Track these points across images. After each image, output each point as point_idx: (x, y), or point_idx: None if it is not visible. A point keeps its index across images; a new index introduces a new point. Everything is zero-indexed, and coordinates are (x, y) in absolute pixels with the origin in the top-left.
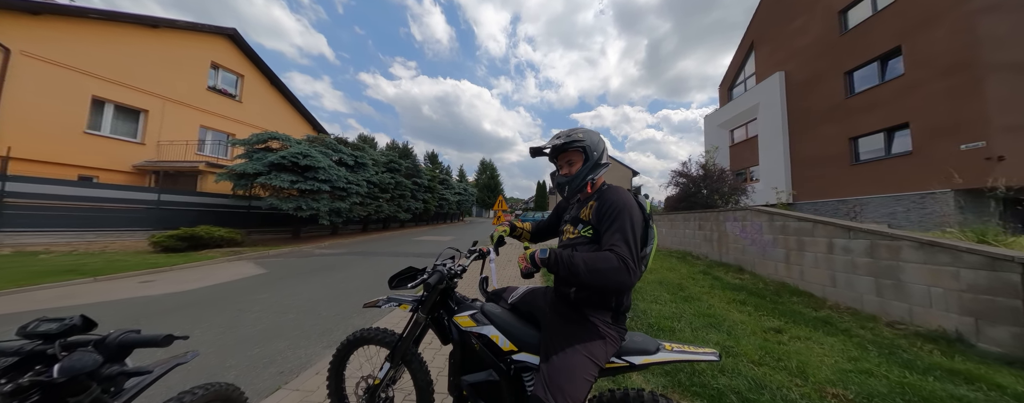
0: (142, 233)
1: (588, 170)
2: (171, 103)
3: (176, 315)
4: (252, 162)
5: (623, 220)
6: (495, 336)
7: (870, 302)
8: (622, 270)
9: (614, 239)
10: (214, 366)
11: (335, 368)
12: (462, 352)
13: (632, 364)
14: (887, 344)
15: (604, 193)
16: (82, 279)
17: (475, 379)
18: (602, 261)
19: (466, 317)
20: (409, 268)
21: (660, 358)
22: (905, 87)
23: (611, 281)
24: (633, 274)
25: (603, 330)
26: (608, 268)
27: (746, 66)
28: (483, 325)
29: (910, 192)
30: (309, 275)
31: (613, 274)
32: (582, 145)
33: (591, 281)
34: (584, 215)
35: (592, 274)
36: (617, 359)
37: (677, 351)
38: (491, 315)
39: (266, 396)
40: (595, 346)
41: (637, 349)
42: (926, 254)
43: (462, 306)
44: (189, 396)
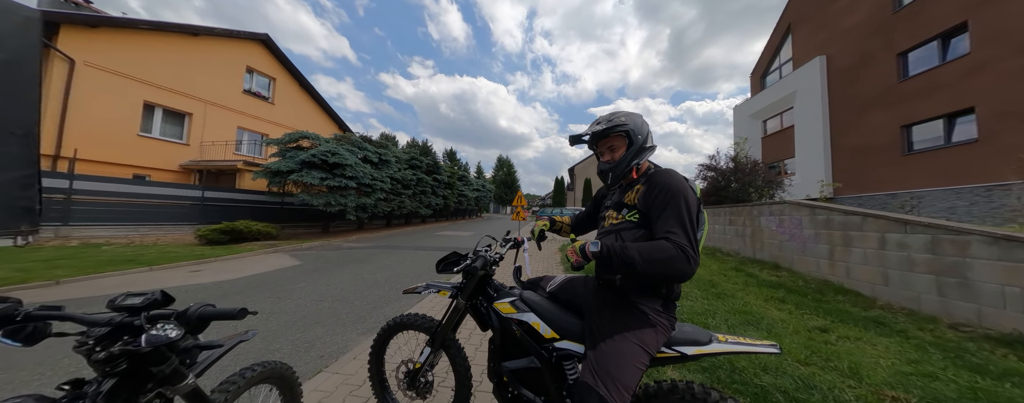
0: (188, 227)
1: (632, 155)
2: (212, 106)
3: (224, 302)
4: (285, 160)
5: (678, 204)
6: (536, 323)
7: (929, 302)
8: (681, 259)
9: (669, 225)
10: (261, 349)
11: (376, 352)
12: (502, 338)
13: (684, 354)
14: (952, 347)
15: (653, 176)
16: (140, 268)
17: (516, 365)
18: (659, 251)
19: (506, 304)
20: (453, 253)
21: (714, 349)
22: (971, 67)
23: (670, 271)
24: (693, 262)
25: (653, 318)
26: (666, 258)
27: (781, 51)
28: (524, 312)
29: (974, 184)
30: (340, 267)
31: (672, 264)
32: (625, 129)
33: (649, 272)
34: (629, 199)
35: (649, 265)
36: (667, 349)
37: (732, 342)
38: (531, 302)
39: (309, 378)
40: (646, 334)
41: (689, 339)
42: (1001, 250)
43: (501, 293)
44: (250, 372)
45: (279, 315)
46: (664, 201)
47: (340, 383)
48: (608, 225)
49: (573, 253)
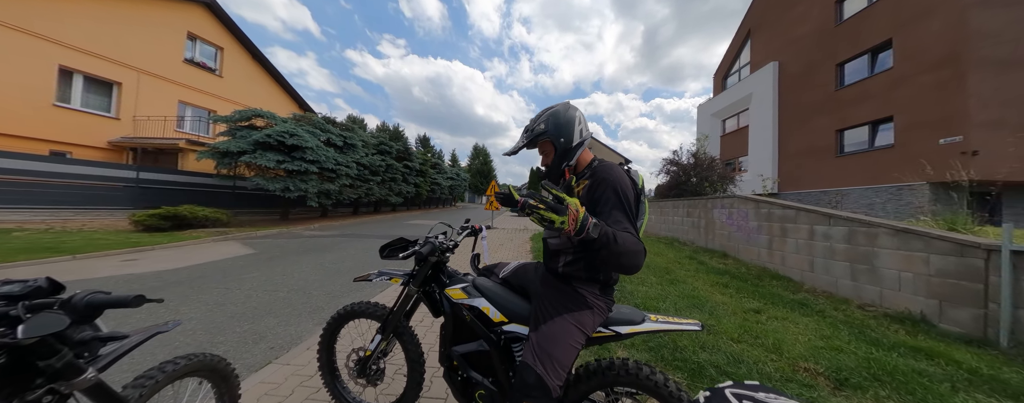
0: (121, 212)
1: (560, 158)
2: (146, 76)
3: (163, 293)
4: (236, 140)
5: (619, 199)
6: (486, 308)
7: (844, 286)
8: (642, 254)
9: (618, 220)
10: (203, 342)
11: (326, 341)
12: (453, 324)
13: (618, 333)
14: (857, 324)
15: (596, 171)
16: (61, 257)
17: (466, 349)
18: (631, 243)
19: (458, 289)
20: (400, 239)
21: (645, 328)
22: (893, 80)
23: (631, 263)
24: (641, 258)
25: (591, 301)
26: (634, 251)
27: (742, 55)
28: (474, 297)
29: (888, 184)
30: (299, 255)
31: (635, 257)
32: (547, 137)
33: (618, 259)
34: (575, 193)
35: (622, 255)
36: (604, 329)
37: (661, 321)
38: (482, 288)
39: (257, 370)
40: (583, 315)
41: (623, 320)
42: (901, 240)
43: (454, 280)
44: (171, 366)
45: (226, 306)
46: (608, 197)
47: (290, 374)
48: None
49: (573, 220)
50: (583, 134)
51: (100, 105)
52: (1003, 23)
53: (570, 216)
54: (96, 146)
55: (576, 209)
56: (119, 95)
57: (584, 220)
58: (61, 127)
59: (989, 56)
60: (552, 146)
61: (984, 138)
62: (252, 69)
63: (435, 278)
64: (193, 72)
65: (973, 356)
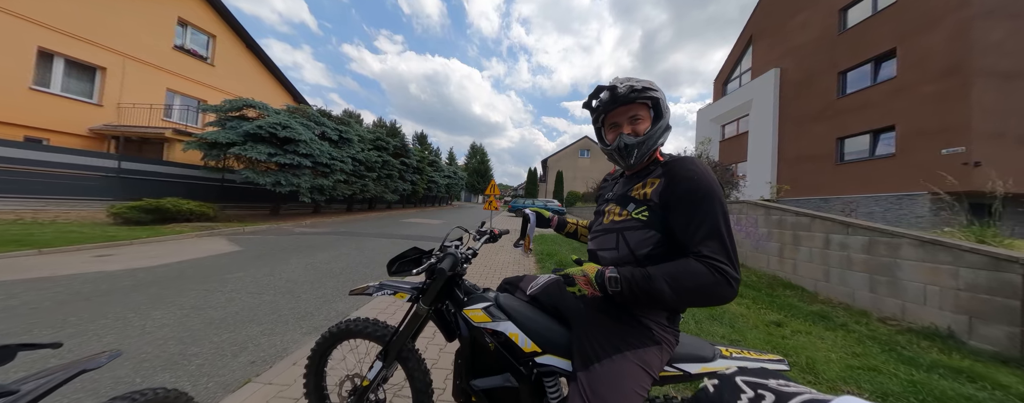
0: (99, 203)
1: (660, 132)
2: (133, 61)
3: (135, 294)
4: (225, 131)
5: (713, 208)
6: (514, 334)
7: (862, 298)
8: (722, 284)
9: (701, 236)
10: (174, 354)
11: (314, 364)
12: (473, 352)
13: (687, 373)
14: (885, 340)
15: (675, 167)
16: (26, 251)
17: (488, 384)
18: (692, 277)
19: (478, 310)
20: (413, 249)
21: (719, 366)
22: (895, 89)
23: (708, 300)
24: (735, 284)
25: (658, 333)
26: (703, 285)
27: (743, 61)
28: (499, 320)
29: (888, 193)
30: (289, 254)
31: (710, 291)
32: (655, 97)
33: (681, 303)
34: (638, 193)
35: (683, 296)
36: (669, 367)
37: (738, 357)
38: (508, 309)
39: (234, 390)
40: (649, 353)
41: (691, 355)
42: (927, 252)
43: (473, 297)
44: (142, 397)
45: (205, 311)
46: (695, 201)
47: (273, 395)
48: (608, 222)
49: (586, 283)
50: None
51: (82, 91)
52: (1008, 34)
53: (579, 279)
54: (76, 133)
55: (582, 274)
56: (103, 81)
57: (598, 278)
58: (38, 112)
59: (993, 67)
60: (651, 115)
61: (987, 149)
62: (246, 59)
63: (449, 294)
64: (183, 60)
65: (1018, 379)
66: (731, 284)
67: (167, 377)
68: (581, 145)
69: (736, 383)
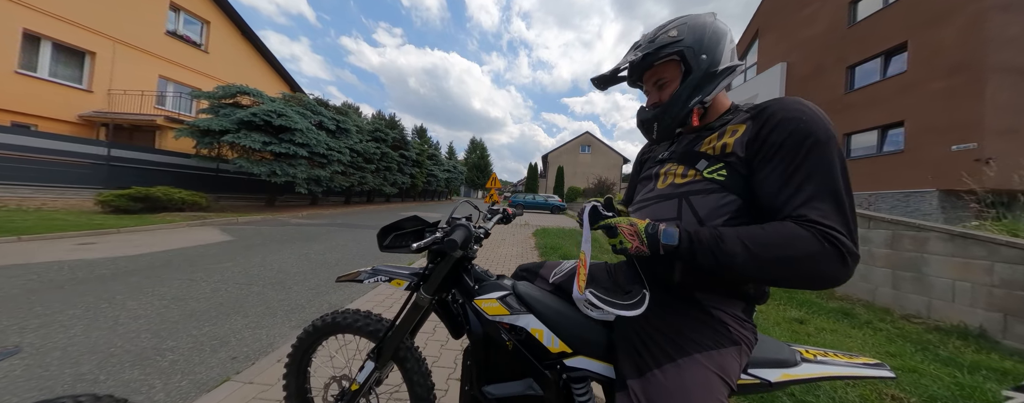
0: (88, 191)
1: (691, 88)
2: (123, 46)
3: (112, 283)
4: (218, 118)
5: (828, 162)
6: (538, 330)
7: (884, 294)
8: (832, 257)
9: (807, 197)
10: (147, 348)
11: (296, 364)
12: (487, 351)
13: (766, 381)
14: (915, 339)
15: (771, 107)
16: (5, 238)
17: (505, 392)
18: (787, 242)
19: (493, 301)
20: (413, 218)
21: (807, 373)
22: (906, 85)
23: (807, 278)
24: (851, 262)
25: (736, 331)
26: (802, 256)
27: (748, 55)
28: (519, 313)
29: (895, 190)
30: (282, 244)
31: (810, 265)
32: (678, 48)
33: (762, 277)
34: (711, 147)
35: (766, 268)
36: (744, 373)
37: (827, 362)
38: (529, 299)
39: (209, 390)
40: (726, 356)
41: (767, 359)
42: (957, 247)
43: (485, 285)
44: None
45: (186, 302)
46: (801, 149)
47: (252, 397)
48: (666, 186)
49: (632, 235)
50: (734, 59)
51: (70, 76)
52: (1021, 28)
53: (623, 229)
54: (65, 119)
55: (629, 224)
56: (92, 66)
57: (649, 232)
58: (24, 97)
59: (1009, 63)
60: (679, 68)
61: (999, 146)
62: (241, 47)
63: (457, 281)
64: (176, 46)
65: None
66: (846, 260)
67: (135, 374)
68: (582, 141)
69: None
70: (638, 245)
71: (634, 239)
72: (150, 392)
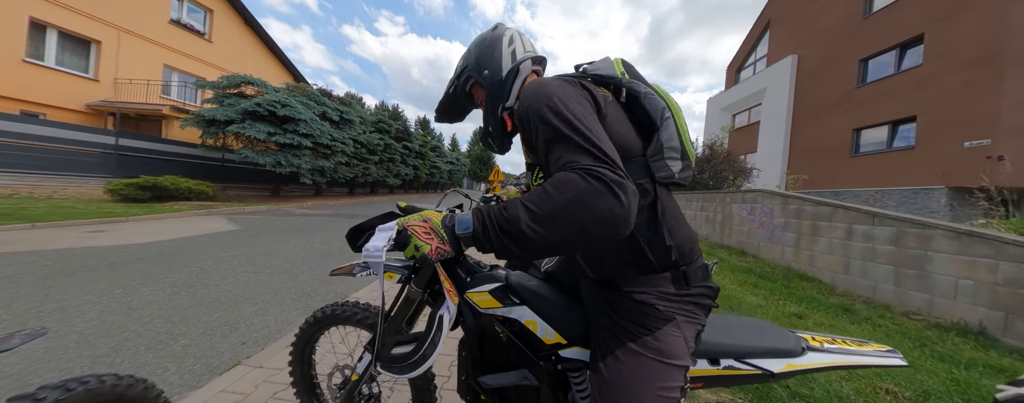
0: (97, 180)
1: (492, 103)
2: (128, 35)
3: (124, 270)
4: (223, 108)
5: (543, 115)
6: (531, 322)
7: (885, 291)
8: (600, 193)
9: (559, 151)
10: (160, 333)
11: (299, 353)
12: (481, 343)
13: (768, 372)
14: (914, 335)
15: (520, 104)
16: (18, 225)
17: (501, 382)
18: (557, 190)
19: (485, 294)
20: (390, 214)
21: (813, 363)
22: (920, 78)
23: (586, 223)
24: (623, 192)
25: (666, 308)
26: (571, 200)
27: (758, 47)
28: (511, 305)
29: (903, 187)
30: (288, 234)
31: (582, 207)
32: (467, 74)
33: (553, 236)
34: (528, 158)
35: (548, 224)
36: (738, 363)
37: (836, 351)
38: (522, 290)
39: (221, 373)
40: (664, 338)
41: (771, 349)
42: (962, 244)
43: (477, 277)
44: (53, 393)
45: (197, 289)
46: (536, 125)
47: (262, 380)
48: None
49: (426, 233)
50: (517, 56)
51: (77, 65)
52: None
53: (413, 228)
54: (73, 108)
55: (423, 220)
56: (98, 55)
57: (444, 225)
58: (33, 86)
59: None
60: (482, 88)
61: (1013, 142)
62: (244, 35)
63: (450, 274)
64: (180, 34)
65: None
66: (614, 190)
67: (149, 357)
68: None
69: None
70: (438, 245)
71: (432, 238)
72: (164, 374)
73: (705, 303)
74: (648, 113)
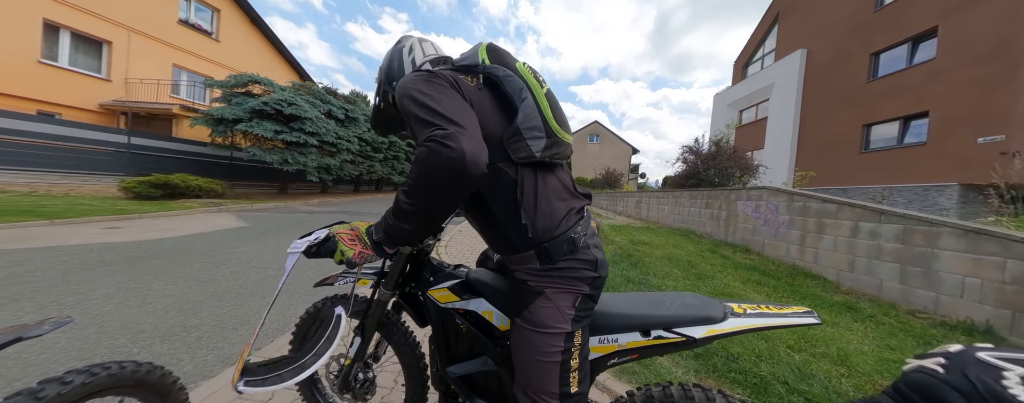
0: (111, 178)
1: (382, 101)
2: (138, 35)
3: (139, 265)
4: (231, 107)
5: (408, 104)
6: (487, 312)
7: (890, 289)
8: (434, 150)
9: (415, 131)
10: (174, 326)
11: (298, 345)
12: (445, 335)
13: (691, 338)
14: (918, 333)
15: None
16: (38, 221)
17: (464, 370)
18: (415, 165)
19: (444, 290)
20: (340, 222)
21: (732, 327)
22: (933, 73)
23: (438, 183)
24: (452, 142)
25: (536, 283)
26: (424, 168)
27: (766, 42)
28: (468, 298)
29: (914, 184)
30: (295, 231)
31: (431, 170)
32: (383, 89)
33: (421, 199)
34: None
35: (418, 195)
36: (666, 332)
37: (755, 314)
38: (479, 284)
39: (231, 364)
40: (538, 310)
41: (696, 317)
42: (970, 242)
43: (439, 276)
44: (79, 377)
45: (208, 284)
46: (406, 116)
47: None
48: None
49: (351, 240)
50: (417, 62)
51: (90, 65)
52: None
53: (340, 235)
54: (86, 108)
55: (350, 229)
56: (109, 55)
57: (369, 232)
58: (48, 86)
59: None
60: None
61: None
62: (251, 35)
63: (416, 275)
64: (188, 34)
65: None
66: (445, 144)
67: (165, 348)
68: (590, 130)
69: (984, 360)
70: (362, 249)
71: (355, 244)
72: (179, 364)
73: (579, 275)
74: (508, 96)
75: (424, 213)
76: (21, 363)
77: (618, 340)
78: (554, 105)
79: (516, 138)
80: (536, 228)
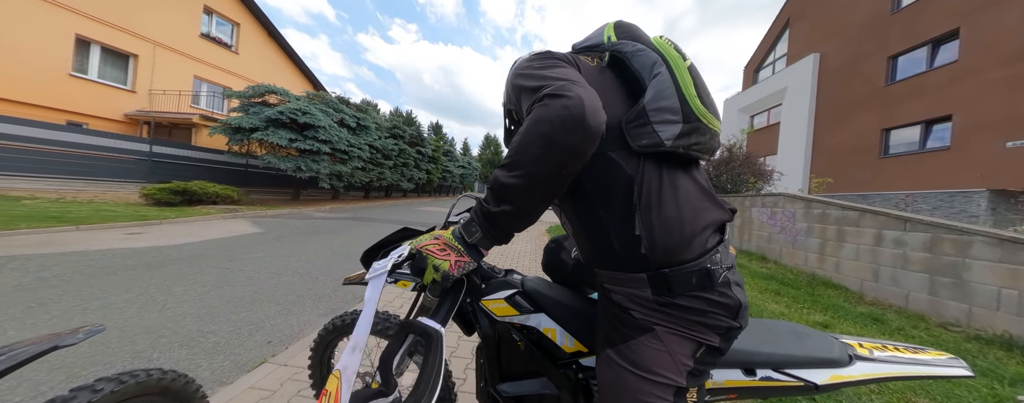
0: (133, 185)
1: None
2: (162, 49)
3: (159, 271)
4: (248, 116)
5: (520, 81)
6: (550, 330)
7: (918, 300)
8: (543, 107)
9: (526, 104)
10: (192, 331)
11: (318, 359)
12: (498, 350)
13: (812, 384)
14: (952, 348)
15: None
16: (65, 227)
17: (520, 391)
18: (529, 125)
19: (501, 301)
20: (404, 230)
21: (863, 374)
22: (956, 75)
23: (547, 131)
24: (566, 89)
25: (643, 317)
26: (526, 128)
27: (777, 46)
28: (528, 313)
29: (938, 190)
30: (308, 237)
31: (536, 124)
32: (510, 109)
33: (529, 165)
34: None
35: (518, 161)
36: (777, 374)
37: (888, 360)
38: (538, 296)
39: (248, 370)
40: (640, 351)
41: (814, 359)
42: (1006, 252)
43: (492, 283)
44: (109, 384)
45: (224, 289)
46: (514, 98)
47: (287, 378)
48: None
49: (442, 250)
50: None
51: (116, 77)
52: None
53: (427, 248)
54: (112, 118)
55: (435, 239)
56: (135, 68)
57: (457, 235)
58: (78, 98)
59: None
60: None
61: None
62: (268, 47)
63: (466, 280)
64: (209, 47)
65: None
66: (559, 95)
67: (183, 354)
68: None
69: None
70: (457, 258)
71: (448, 254)
72: (198, 370)
73: (708, 321)
74: (636, 73)
75: (530, 185)
76: (47, 366)
77: (711, 376)
78: (699, 83)
79: (640, 120)
80: (655, 244)
